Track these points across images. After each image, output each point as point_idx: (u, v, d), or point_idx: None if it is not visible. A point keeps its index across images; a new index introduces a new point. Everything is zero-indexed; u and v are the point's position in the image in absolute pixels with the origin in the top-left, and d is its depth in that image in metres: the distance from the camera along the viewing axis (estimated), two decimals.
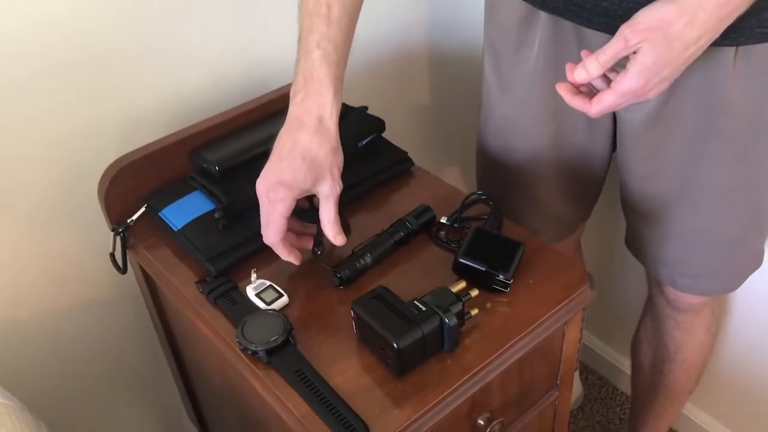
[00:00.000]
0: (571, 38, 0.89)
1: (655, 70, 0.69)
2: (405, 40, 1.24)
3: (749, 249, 0.98)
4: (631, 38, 0.69)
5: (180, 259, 0.84)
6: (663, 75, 0.70)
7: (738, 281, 1.02)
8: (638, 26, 0.69)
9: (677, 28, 0.67)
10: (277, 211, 0.73)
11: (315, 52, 0.75)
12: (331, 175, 0.75)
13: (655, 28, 0.68)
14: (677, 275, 1.02)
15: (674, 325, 1.12)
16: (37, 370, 1.02)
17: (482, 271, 0.75)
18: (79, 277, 1.01)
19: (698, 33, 0.68)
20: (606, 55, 0.71)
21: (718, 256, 0.97)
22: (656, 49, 0.68)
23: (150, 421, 1.21)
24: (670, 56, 0.69)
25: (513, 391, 0.78)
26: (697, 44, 0.69)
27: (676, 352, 1.16)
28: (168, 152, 0.90)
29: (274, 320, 0.72)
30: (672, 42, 0.68)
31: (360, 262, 0.79)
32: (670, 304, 1.09)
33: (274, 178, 0.73)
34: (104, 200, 0.87)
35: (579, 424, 1.56)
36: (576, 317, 0.78)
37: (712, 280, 1.01)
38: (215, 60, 1.01)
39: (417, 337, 0.67)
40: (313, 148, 0.74)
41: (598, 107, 0.73)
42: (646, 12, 0.69)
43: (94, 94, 0.92)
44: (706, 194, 0.91)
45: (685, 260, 0.99)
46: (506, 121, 1.01)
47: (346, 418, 0.64)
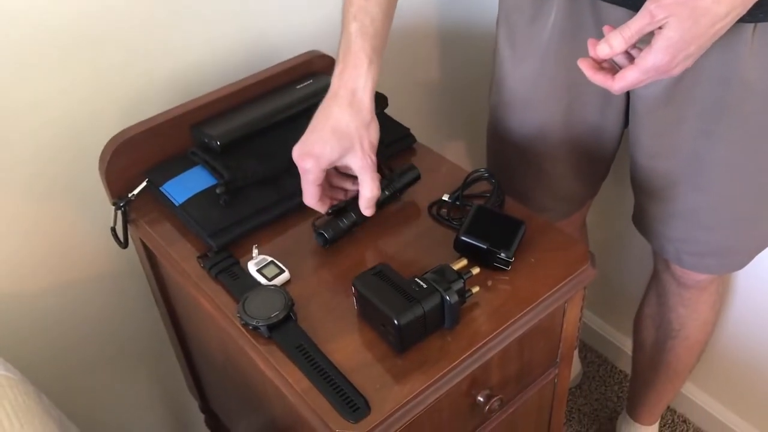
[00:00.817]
0: (586, 12, 0.88)
1: (681, 45, 0.68)
2: (408, 15, 1.23)
3: (757, 229, 0.98)
4: (658, 13, 0.67)
5: (181, 234, 0.83)
6: (689, 51, 0.68)
7: (744, 260, 1.02)
8: (665, 1, 0.67)
9: (706, 3, 0.66)
10: (307, 180, 0.77)
11: (352, 24, 0.76)
12: (362, 149, 0.76)
13: (682, 3, 0.66)
14: (683, 253, 1.02)
15: (679, 301, 1.13)
16: (39, 343, 1.02)
17: (484, 249, 0.75)
18: (80, 251, 1.01)
19: (727, 8, 0.66)
20: (630, 30, 0.69)
21: (725, 236, 0.97)
22: (683, 24, 0.67)
23: (151, 394, 1.22)
24: (697, 31, 0.67)
25: (513, 368, 0.78)
26: (725, 20, 0.67)
27: (679, 329, 1.16)
28: (169, 126, 0.89)
29: (275, 296, 0.72)
30: (700, 17, 0.66)
31: (343, 221, 0.79)
32: (676, 281, 1.09)
33: (304, 148, 0.76)
34: (105, 174, 0.87)
35: (577, 402, 1.57)
36: (577, 296, 0.78)
37: (718, 258, 1.01)
38: (217, 34, 1.00)
39: (418, 314, 0.67)
40: (343, 121, 0.75)
41: (621, 83, 0.72)
42: None
43: (95, 68, 0.91)
44: (715, 173, 0.90)
45: (692, 238, 0.99)
46: (519, 95, 1.01)
47: (347, 393, 0.65)
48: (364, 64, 0.76)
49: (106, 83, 0.93)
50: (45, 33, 0.85)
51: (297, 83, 0.96)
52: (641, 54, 0.70)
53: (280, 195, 0.85)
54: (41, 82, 0.87)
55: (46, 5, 0.84)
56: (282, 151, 0.87)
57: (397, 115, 0.97)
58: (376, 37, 0.77)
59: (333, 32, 1.11)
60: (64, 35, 0.87)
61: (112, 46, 0.91)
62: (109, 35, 0.90)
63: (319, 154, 0.75)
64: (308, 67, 0.99)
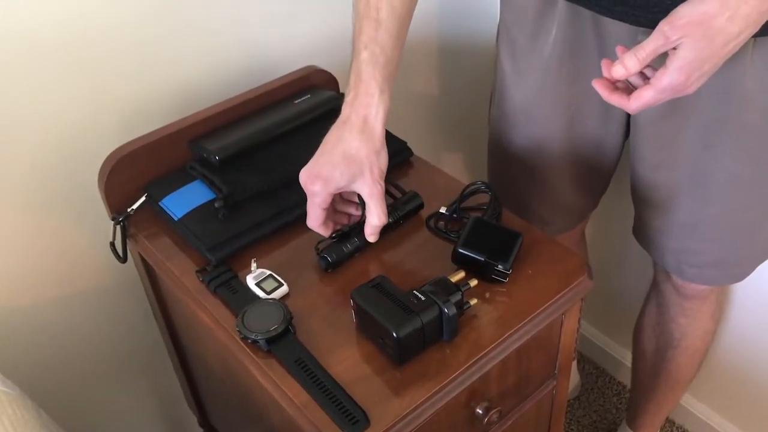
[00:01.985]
0: (588, 27, 0.89)
1: (696, 65, 0.68)
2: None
3: (757, 241, 0.98)
4: (672, 34, 0.68)
5: (180, 249, 0.84)
6: (704, 70, 0.69)
7: (746, 272, 1.03)
8: (678, 21, 0.68)
9: (720, 23, 0.66)
10: (314, 203, 0.77)
11: (363, 53, 0.77)
12: (371, 175, 0.76)
13: (697, 23, 0.67)
14: (684, 264, 1.02)
15: (680, 311, 1.13)
16: (37, 358, 1.02)
17: (481, 261, 0.76)
18: (78, 266, 1.01)
19: (740, 27, 0.67)
20: (645, 51, 0.70)
21: (725, 247, 0.98)
22: (698, 44, 0.67)
23: (149, 409, 1.22)
24: (711, 50, 0.68)
25: (511, 380, 0.78)
26: (739, 38, 0.68)
27: (680, 338, 1.16)
28: (168, 141, 0.90)
29: (274, 309, 0.72)
30: (714, 36, 0.67)
31: (347, 246, 0.80)
32: (677, 291, 1.10)
33: (313, 170, 0.76)
34: (104, 189, 0.87)
35: (576, 414, 1.57)
36: (574, 307, 0.79)
37: (719, 270, 1.01)
38: (216, 49, 1.01)
39: (416, 326, 0.67)
40: (354, 146, 0.75)
41: (637, 103, 0.73)
42: (687, 6, 0.68)
43: (94, 83, 0.91)
44: (716, 185, 0.91)
45: (693, 250, 0.99)
46: (520, 108, 1.02)
47: (346, 406, 0.65)
48: (376, 93, 0.76)
49: (104, 98, 0.93)
50: (44, 48, 0.86)
51: (295, 98, 0.96)
52: (657, 74, 0.71)
53: (279, 209, 0.85)
54: (40, 96, 0.88)
55: (44, 21, 0.84)
56: (280, 166, 0.88)
57: (394, 128, 0.98)
58: (387, 66, 0.77)
59: (331, 47, 1.12)
60: (63, 50, 0.87)
61: (110, 62, 0.92)
62: (107, 51, 0.91)
63: (328, 177, 0.75)
64: (306, 81, 1.00)
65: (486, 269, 0.76)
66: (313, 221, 0.79)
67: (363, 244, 0.81)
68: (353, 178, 0.76)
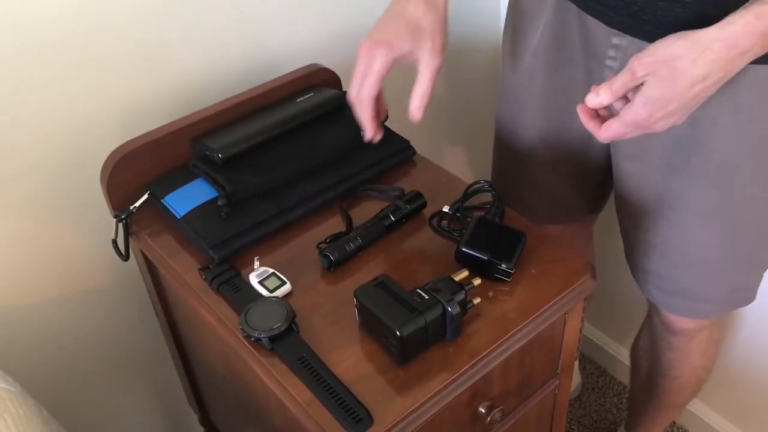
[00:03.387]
0: (573, 20, 0.89)
1: (660, 104, 0.69)
2: None
3: (732, 281, 0.96)
4: (638, 70, 0.69)
5: (182, 247, 0.84)
6: (668, 109, 0.70)
7: (712, 310, 1.00)
8: (645, 59, 0.69)
9: (684, 64, 0.67)
10: (375, 68, 0.75)
11: None
12: (433, 43, 0.75)
13: (662, 62, 0.68)
14: (652, 287, 1.01)
15: (667, 346, 1.12)
16: (39, 356, 1.02)
17: (484, 260, 0.76)
18: (79, 264, 1.01)
19: (704, 71, 0.67)
20: (615, 84, 0.72)
21: (692, 278, 0.96)
22: (661, 83, 0.68)
23: (151, 407, 1.22)
24: (675, 91, 0.68)
25: (514, 379, 0.78)
26: (705, 82, 0.68)
27: (669, 368, 1.15)
28: (170, 139, 0.89)
29: (277, 308, 0.72)
30: (677, 77, 0.68)
31: (349, 245, 0.80)
32: (664, 326, 1.09)
33: (375, 37, 0.75)
34: (106, 187, 0.87)
35: (576, 413, 1.57)
36: (577, 307, 0.79)
37: (684, 301, 0.99)
38: (218, 47, 1.01)
39: (420, 325, 0.67)
40: (418, 14, 0.75)
41: (606, 133, 0.74)
42: (657, 45, 0.69)
43: (96, 81, 0.91)
44: (684, 210, 0.90)
45: (661, 273, 0.98)
46: (514, 92, 1.02)
47: (349, 405, 0.65)
48: None
49: (106, 96, 0.93)
50: (45, 46, 0.86)
51: (298, 96, 0.96)
52: (624, 108, 0.72)
53: (282, 207, 0.85)
54: (42, 94, 0.88)
55: (46, 19, 0.84)
56: (283, 164, 0.88)
57: (397, 127, 0.98)
58: None
59: (334, 45, 1.12)
60: (65, 48, 0.87)
61: (113, 60, 0.92)
62: (109, 48, 0.91)
63: (392, 41, 0.74)
64: (309, 80, 1.00)
65: (489, 268, 0.76)
66: (366, 91, 0.77)
67: (365, 243, 0.81)
68: (416, 44, 0.74)
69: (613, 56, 0.85)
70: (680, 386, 1.18)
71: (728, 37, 0.65)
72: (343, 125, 0.93)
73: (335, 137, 0.91)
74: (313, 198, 0.87)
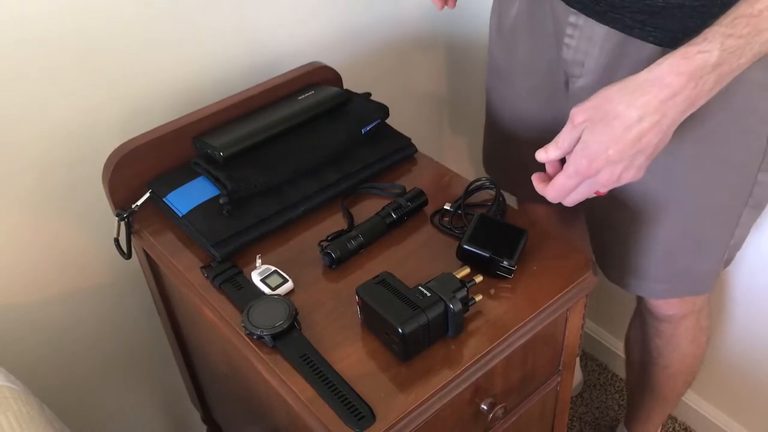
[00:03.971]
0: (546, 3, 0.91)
1: (597, 149, 0.68)
2: (410, 26, 1.24)
3: (681, 265, 0.97)
4: (576, 118, 0.69)
5: (184, 245, 0.84)
6: (609, 154, 0.68)
7: (668, 292, 1.01)
8: (584, 105, 0.69)
9: (616, 107, 0.66)
10: None
11: None
12: None
13: (596, 107, 0.68)
14: (607, 264, 1.03)
15: (655, 333, 1.13)
16: (41, 354, 1.02)
17: (486, 258, 0.76)
18: (81, 262, 1.01)
19: (638, 113, 0.66)
20: (561, 137, 0.71)
21: (641, 258, 0.97)
22: (596, 128, 0.68)
23: (153, 405, 1.22)
24: (611, 134, 0.67)
25: (516, 376, 0.78)
26: (641, 125, 0.66)
27: (658, 357, 1.16)
28: (172, 138, 0.90)
29: (279, 305, 0.72)
30: (612, 120, 0.67)
31: (351, 242, 0.80)
32: (650, 312, 1.10)
33: None
34: (108, 185, 0.87)
35: (578, 410, 1.57)
36: (579, 303, 0.79)
37: (635, 280, 1.00)
38: (220, 46, 1.01)
39: (422, 322, 0.67)
40: None
41: (552, 191, 0.73)
42: (596, 93, 0.69)
43: (98, 79, 0.91)
44: (626, 191, 0.91)
45: (611, 252, 1.00)
46: (499, 65, 1.04)
47: (352, 402, 0.65)
48: None
49: (107, 95, 0.93)
50: (47, 45, 0.86)
51: (299, 94, 0.96)
52: (567, 160, 0.71)
53: (283, 205, 0.85)
54: (44, 92, 0.88)
55: (48, 17, 0.84)
56: (284, 162, 0.88)
57: (398, 125, 0.98)
58: None
59: (335, 44, 1.12)
60: (67, 46, 0.87)
61: (114, 58, 0.92)
62: (111, 46, 0.91)
63: None
64: (310, 78, 1.00)
65: (491, 265, 0.76)
66: None
67: (367, 241, 0.81)
68: None
69: (570, 34, 0.87)
70: (671, 375, 1.18)
71: (657, 77, 0.65)
72: (345, 123, 0.93)
73: (336, 135, 0.91)
74: (315, 196, 0.87)
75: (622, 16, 0.79)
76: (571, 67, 0.90)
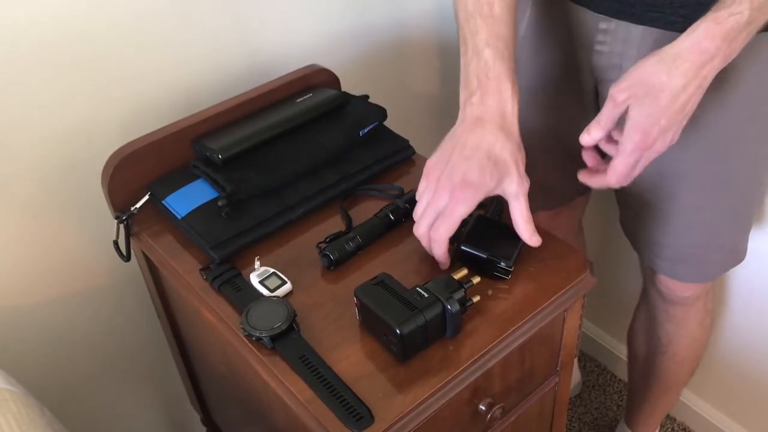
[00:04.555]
0: (558, 10, 0.91)
1: (649, 122, 0.70)
2: (407, 28, 1.24)
3: (726, 243, 0.99)
4: (618, 96, 0.71)
5: (184, 247, 0.84)
6: (662, 125, 0.70)
7: (714, 273, 1.03)
8: (622, 84, 0.71)
9: (660, 79, 0.69)
10: (457, 213, 0.72)
11: (486, 51, 0.76)
12: (518, 172, 0.74)
13: (638, 83, 0.70)
14: (654, 256, 1.03)
15: (666, 317, 1.13)
16: (40, 356, 1.03)
17: (484, 259, 0.76)
18: (80, 265, 1.01)
19: (682, 81, 0.69)
20: (602, 117, 0.73)
21: (692, 244, 0.98)
22: (643, 102, 0.70)
23: (152, 407, 1.22)
24: (660, 106, 0.69)
25: (514, 377, 0.79)
26: (687, 91, 0.69)
27: (668, 344, 1.17)
28: (171, 140, 0.90)
29: (277, 307, 0.73)
30: (658, 93, 0.69)
31: (349, 244, 0.80)
32: (662, 297, 1.10)
33: (459, 176, 0.72)
34: (108, 188, 0.87)
35: (577, 411, 1.57)
36: (576, 304, 0.79)
37: (686, 266, 1.01)
38: (218, 48, 1.01)
39: (420, 323, 0.67)
40: (497, 146, 0.73)
41: (613, 176, 0.75)
42: (630, 70, 0.70)
43: (96, 82, 0.92)
44: (680, 180, 0.92)
45: (661, 242, 1.00)
46: None
47: (350, 402, 0.65)
48: (509, 88, 0.75)
49: (106, 97, 0.94)
50: (46, 48, 0.86)
51: (297, 97, 0.97)
52: (620, 141, 0.73)
53: (282, 207, 0.85)
54: (43, 95, 0.88)
55: (47, 22, 0.85)
56: (283, 164, 0.88)
57: (396, 127, 0.98)
58: (512, 59, 0.76)
59: (332, 46, 1.13)
60: (65, 49, 0.88)
61: (113, 61, 0.92)
62: (109, 50, 0.91)
63: (479, 182, 0.72)
64: (308, 80, 1.00)
65: (489, 266, 0.76)
66: (444, 233, 0.73)
67: (365, 242, 0.81)
68: (501, 179, 0.73)
69: (602, 40, 0.87)
70: (679, 362, 1.19)
71: (693, 44, 0.67)
72: (343, 125, 0.93)
73: (335, 137, 0.92)
74: (313, 198, 0.87)
75: (663, 14, 0.80)
76: (605, 72, 0.90)
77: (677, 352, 1.17)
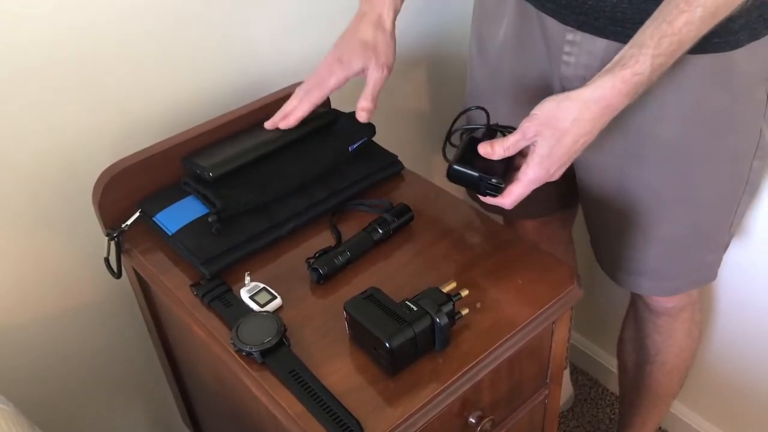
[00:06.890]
0: (534, 20, 0.93)
1: (551, 160, 0.76)
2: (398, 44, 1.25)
3: (689, 259, 1.00)
4: (528, 132, 0.76)
5: (174, 263, 0.85)
6: (562, 162, 0.77)
7: (677, 287, 1.04)
8: (534, 120, 0.76)
9: (566, 125, 0.75)
10: (329, 83, 0.88)
11: None
12: (377, 59, 0.87)
13: (546, 124, 0.75)
14: (618, 271, 1.05)
15: (653, 328, 1.14)
16: (31, 373, 1.02)
17: (476, 177, 0.78)
18: (70, 281, 1.01)
19: (585, 128, 0.75)
20: (508, 142, 0.78)
21: (653, 258, 0.99)
22: (549, 143, 0.75)
23: (143, 423, 1.22)
24: (561, 148, 0.76)
25: (503, 389, 0.79)
26: (586, 137, 0.76)
27: (656, 354, 1.17)
28: (162, 158, 0.91)
29: (268, 322, 0.73)
30: (562, 137, 0.75)
31: (338, 258, 0.81)
32: (648, 308, 1.12)
33: (335, 55, 0.89)
34: (98, 205, 0.88)
35: (569, 425, 1.57)
36: (564, 316, 0.80)
37: (650, 280, 1.03)
38: (208, 67, 1.02)
39: (409, 336, 0.68)
40: (368, 36, 0.88)
41: (509, 199, 0.79)
42: (544, 105, 0.76)
43: (87, 100, 0.93)
44: (642, 194, 0.94)
45: (625, 256, 1.02)
46: (481, 89, 1.06)
47: (340, 416, 0.66)
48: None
49: (98, 115, 0.94)
50: (36, 67, 0.87)
51: None
52: (521, 170, 0.78)
53: (272, 223, 0.86)
54: (33, 113, 0.89)
55: (39, 38, 0.85)
56: (273, 180, 0.89)
57: (385, 142, 0.99)
58: None
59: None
60: (55, 68, 0.88)
61: (105, 80, 0.93)
62: (101, 68, 0.92)
63: (348, 61, 0.87)
64: None
65: (480, 185, 0.78)
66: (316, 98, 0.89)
67: (354, 257, 0.82)
68: (367, 63, 0.87)
69: (569, 51, 0.89)
70: (668, 372, 1.20)
71: (601, 99, 0.74)
72: (332, 141, 0.94)
73: (324, 153, 0.93)
74: (303, 213, 0.88)
75: (624, 29, 0.82)
76: (571, 82, 0.92)
77: (666, 362, 1.18)
